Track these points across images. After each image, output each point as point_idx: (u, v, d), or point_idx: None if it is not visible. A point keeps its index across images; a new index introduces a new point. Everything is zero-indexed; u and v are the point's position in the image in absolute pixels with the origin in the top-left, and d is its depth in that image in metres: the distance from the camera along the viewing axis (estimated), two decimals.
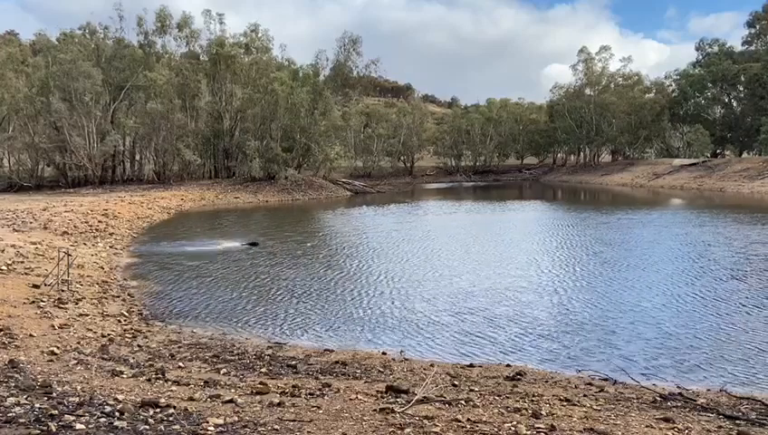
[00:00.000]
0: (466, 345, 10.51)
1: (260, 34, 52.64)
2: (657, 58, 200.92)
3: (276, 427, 5.04)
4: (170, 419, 5.10)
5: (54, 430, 4.49)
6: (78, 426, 4.61)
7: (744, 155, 66.35)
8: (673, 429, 5.73)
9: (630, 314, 12.27)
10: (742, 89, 65.43)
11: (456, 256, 19.89)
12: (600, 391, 7.73)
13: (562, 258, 19.00)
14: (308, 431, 4.99)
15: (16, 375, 6.61)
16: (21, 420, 4.68)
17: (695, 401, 7.19)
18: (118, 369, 7.71)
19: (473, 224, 30.75)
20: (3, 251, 15.90)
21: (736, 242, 21.28)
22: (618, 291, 14.38)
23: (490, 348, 10.37)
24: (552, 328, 11.39)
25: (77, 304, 12.17)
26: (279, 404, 5.97)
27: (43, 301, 11.71)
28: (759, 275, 15.65)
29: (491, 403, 6.65)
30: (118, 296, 13.75)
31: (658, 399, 7.33)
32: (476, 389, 7.52)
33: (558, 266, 17.57)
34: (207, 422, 5.04)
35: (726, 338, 10.58)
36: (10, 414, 4.83)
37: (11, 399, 5.35)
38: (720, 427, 5.94)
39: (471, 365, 9.23)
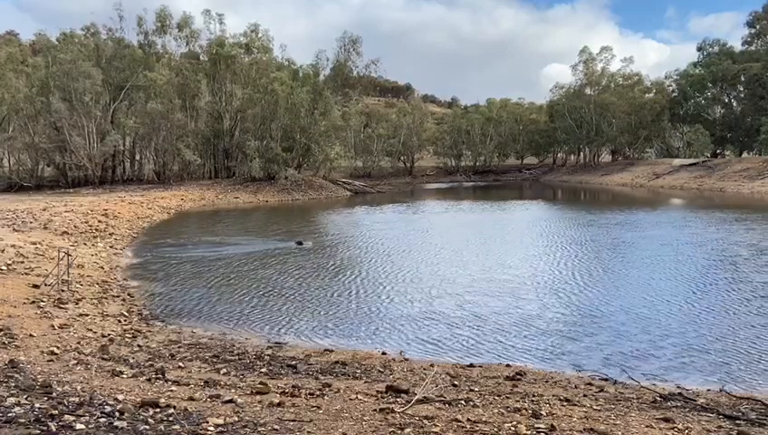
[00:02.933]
0: (466, 345, 10.51)
1: (260, 35, 52.69)
2: (656, 58, 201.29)
3: (276, 427, 5.04)
4: (170, 419, 5.10)
5: (54, 429, 4.49)
6: (78, 426, 4.60)
7: (744, 155, 66.36)
8: (673, 429, 5.73)
9: (630, 313, 12.26)
10: (742, 89, 65.44)
11: (455, 255, 19.88)
12: (600, 391, 7.73)
13: (559, 258, 18.98)
14: (308, 431, 4.99)
15: (16, 375, 6.61)
16: (21, 420, 4.68)
17: (695, 401, 7.18)
18: (118, 369, 7.71)
19: (473, 224, 30.77)
20: (3, 251, 15.90)
21: (712, 244, 21.26)
22: (614, 291, 14.40)
23: (490, 348, 10.38)
24: (552, 328, 11.38)
25: (77, 304, 12.17)
26: (279, 404, 5.97)
27: (43, 301, 11.71)
28: (729, 278, 15.69)
29: (491, 403, 6.65)
30: (118, 296, 13.75)
31: (658, 399, 7.33)
32: (476, 389, 7.52)
33: (554, 266, 17.56)
34: (207, 422, 5.04)
35: (724, 338, 10.59)
36: (10, 414, 4.83)
37: (11, 399, 5.34)
38: (720, 427, 5.94)
39: (471, 365, 9.23)
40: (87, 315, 11.44)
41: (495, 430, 5.30)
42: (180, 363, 8.68)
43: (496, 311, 12.59)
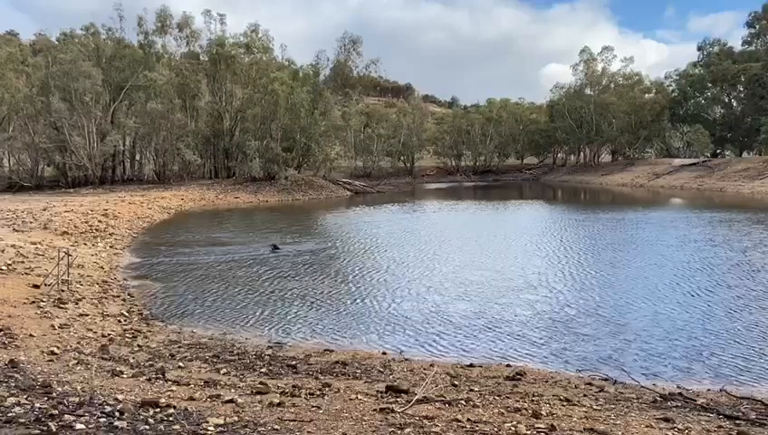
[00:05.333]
0: (466, 345, 10.51)
1: (260, 35, 52.69)
2: (656, 58, 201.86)
3: (276, 427, 5.04)
4: (170, 419, 5.10)
5: (54, 429, 4.49)
6: (78, 426, 4.60)
7: (744, 155, 66.38)
8: (673, 429, 5.73)
9: (630, 313, 12.26)
10: (742, 89, 65.46)
11: (455, 255, 19.86)
12: (600, 391, 7.73)
13: (558, 259, 18.98)
14: (308, 431, 4.99)
15: (16, 375, 6.61)
16: (21, 420, 4.67)
17: (695, 401, 7.18)
18: (118, 369, 7.72)
19: (473, 223, 30.77)
20: (3, 251, 15.89)
21: (693, 244, 21.33)
22: (614, 291, 14.39)
23: (490, 347, 10.37)
24: (552, 328, 11.38)
25: (77, 304, 12.17)
26: (279, 404, 5.97)
27: (43, 301, 11.71)
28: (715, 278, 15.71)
29: (491, 403, 6.65)
30: (118, 296, 13.75)
31: (658, 399, 7.33)
32: (476, 389, 7.52)
33: (554, 267, 17.55)
34: (207, 422, 5.04)
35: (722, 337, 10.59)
36: (10, 414, 4.82)
37: (11, 399, 5.34)
38: (720, 427, 5.94)
39: (471, 365, 9.23)
40: (87, 315, 11.43)
41: (495, 430, 5.30)
42: (180, 363, 8.68)
43: (494, 310, 12.59)
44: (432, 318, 12.14)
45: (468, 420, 5.59)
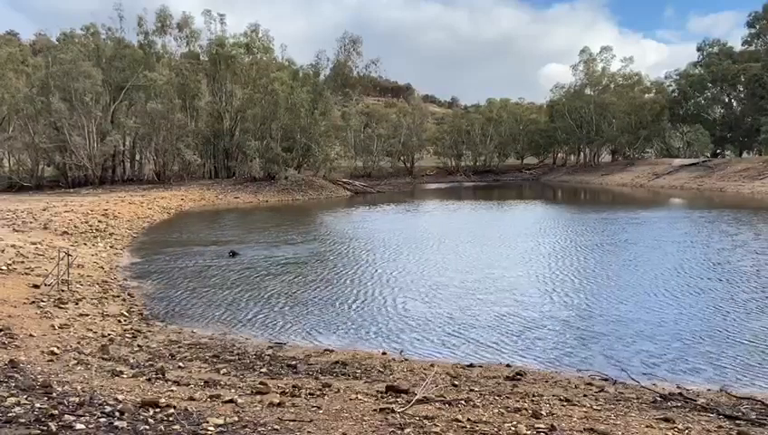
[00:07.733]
0: (466, 345, 10.50)
1: (260, 35, 52.71)
2: (656, 58, 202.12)
3: (276, 427, 5.04)
4: (170, 419, 5.10)
5: (54, 429, 4.49)
6: (78, 426, 4.60)
7: (744, 155, 66.37)
8: (673, 429, 5.73)
9: (629, 313, 12.26)
10: (742, 89, 65.43)
11: (455, 256, 19.87)
12: (600, 391, 7.73)
13: (557, 259, 18.98)
14: (308, 431, 4.99)
15: (16, 375, 6.61)
16: (21, 420, 4.67)
17: (695, 401, 7.18)
18: (118, 369, 7.72)
19: (473, 223, 30.77)
20: (3, 251, 15.90)
21: (704, 246, 21.32)
22: (613, 291, 14.39)
23: (490, 348, 10.36)
24: (552, 328, 11.38)
25: (77, 304, 12.17)
26: (279, 404, 5.97)
27: (43, 301, 11.71)
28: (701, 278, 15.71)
29: (491, 403, 6.65)
30: (118, 296, 13.74)
31: (658, 399, 7.33)
32: (476, 389, 7.52)
33: (546, 268, 17.54)
34: (207, 422, 5.03)
35: (724, 336, 10.59)
36: (10, 414, 4.82)
37: (11, 399, 5.34)
38: (720, 427, 5.94)
39: (471, 365, 9.23)
40: (87, 315, 11.43)
41: (495, 430, 5.30)
42: (180, 363, 8.68)
43: (491, 311, 12.58)
44: (396, 319, 12.15)
45: (468, 420, 5.59)
